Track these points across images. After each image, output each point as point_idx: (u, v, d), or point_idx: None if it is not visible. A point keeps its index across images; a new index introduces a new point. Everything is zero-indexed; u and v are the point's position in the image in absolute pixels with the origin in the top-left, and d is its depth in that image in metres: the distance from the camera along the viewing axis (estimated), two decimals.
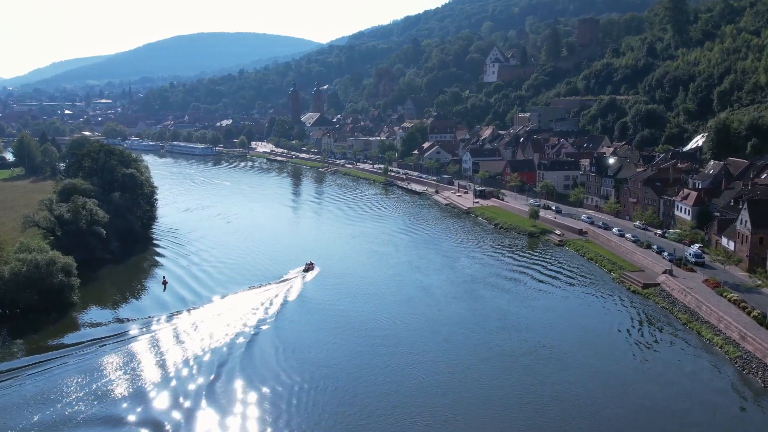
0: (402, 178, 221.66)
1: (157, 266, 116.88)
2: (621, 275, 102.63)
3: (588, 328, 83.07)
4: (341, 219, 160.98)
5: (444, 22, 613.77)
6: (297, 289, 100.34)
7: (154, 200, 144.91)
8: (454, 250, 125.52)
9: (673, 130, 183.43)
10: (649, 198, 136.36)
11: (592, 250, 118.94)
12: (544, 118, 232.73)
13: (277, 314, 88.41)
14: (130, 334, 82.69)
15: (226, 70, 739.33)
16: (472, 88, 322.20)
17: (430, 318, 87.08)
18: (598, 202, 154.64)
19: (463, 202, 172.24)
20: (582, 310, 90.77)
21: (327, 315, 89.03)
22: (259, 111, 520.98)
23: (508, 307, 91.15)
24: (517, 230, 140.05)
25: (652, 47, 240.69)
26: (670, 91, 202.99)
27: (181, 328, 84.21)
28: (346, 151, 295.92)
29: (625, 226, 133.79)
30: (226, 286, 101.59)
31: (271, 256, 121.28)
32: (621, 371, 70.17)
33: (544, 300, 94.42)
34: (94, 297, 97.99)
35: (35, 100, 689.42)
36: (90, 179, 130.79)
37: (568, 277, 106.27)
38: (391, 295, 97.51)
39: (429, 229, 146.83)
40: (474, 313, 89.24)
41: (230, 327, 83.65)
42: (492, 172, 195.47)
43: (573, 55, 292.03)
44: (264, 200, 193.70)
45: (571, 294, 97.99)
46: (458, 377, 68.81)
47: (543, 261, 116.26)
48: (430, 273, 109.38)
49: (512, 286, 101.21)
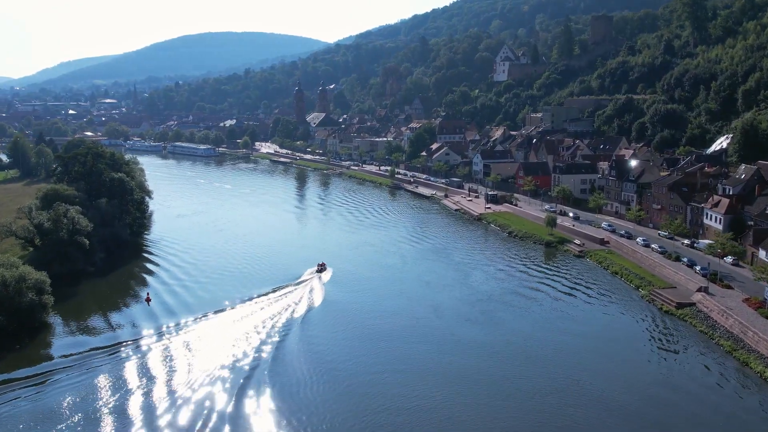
0: (409, 181, 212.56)
1: (145, 279, 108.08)
2: (651, 292, 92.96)
3: (620, 359, 73.42)
4: (344, 227, 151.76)
5: (452, 21, 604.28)
6: (286, 317, 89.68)
7: (145, 206, 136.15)
8: (465, 263, 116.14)
9: (695, 131, 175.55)
10: (675, 205, 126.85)
11: (616, 262, 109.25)
12: (558, 119, 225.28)
13: (275, 352, 76.46)
14: (105, 359, 74.29)
15: (233, 69, 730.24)
16: (482, 87, 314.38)
17: (442, 344, 77.78)
18: (618, 208, 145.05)
19: (474, 208, 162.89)
20: (611, 335, 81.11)
21: (323, 346, 79.68)
22: (264, 111, 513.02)
23: (529, 331, 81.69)
24: (532, 239, 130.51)
25: (669, 44, 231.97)
26: (691, 90, 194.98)
27: (161, 355, 75.55)
28: (352, 152, 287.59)
29: (649, 234, 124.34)
30: (211, 305, 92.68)
31: (263, 270, 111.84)
32: (668, 419, 60.18)
33: (568, 322, 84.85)
34: (72, 316, 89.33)
35: (40, 100, 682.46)
36: (76, 184, 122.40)
37: (592, 294, 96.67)
38: (396, 317, 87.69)
39: (438, 237, 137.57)
40: (491, 338, 79.81)
41: (211, 361, 74.11)
42: (504, 175, 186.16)
43: (586, 54, 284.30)
44: (264, 205, 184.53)
45: (597, 315, 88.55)
46: (476, 418, 59.66)
47: (563, 275, 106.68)
48: (441, 289, 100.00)
49: (531, 306, 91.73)
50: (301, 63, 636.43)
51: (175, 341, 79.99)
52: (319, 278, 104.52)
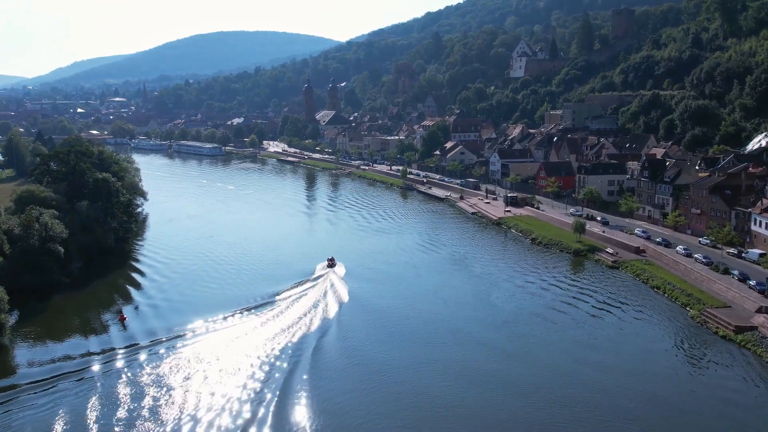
0: (422, 182, 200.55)
1: (126, 292, 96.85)
2: (702, 313, 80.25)
3: (683, 408, 60.22)
4: (351, 232, 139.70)
5: (466, 18, 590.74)
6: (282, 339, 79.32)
7: (134, 209, 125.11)
8: (486, 275, 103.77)
9: (729, 128, 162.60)
10: (717, 209, 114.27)
11: (656, 275, 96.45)
12: (579, 116, 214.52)
13: (283, 383, 65.79)
14: (66, 388, 64.39)
15: (245, 69, 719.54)
16: (498, 84, 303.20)
17: (463, 377, 65.85)
18: (651, 212, 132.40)
19: (493, 211, 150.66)
20: (668, 372, 67.32)
21: (324, 379, 68.41)
22: (274, 109, 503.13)
23: (571, 368, 68.08)
24: (558, 247, 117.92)
25: (697, 38, 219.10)
26: (722, 85, 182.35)
27: (130, 382, 64.72)
28: (362, 151, 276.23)
29: (689, 242, 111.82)
30: (186, 323, 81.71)
31: (251, 285, 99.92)
32: None
33: (611, 355, 71.25)
34: (33, 337, 78.10)
35: (51, 98, 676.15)
36: (56, 185, 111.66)
37: (633, 314, 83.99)
38: (408, 343, 75.02)
39: (454, 244, 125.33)
40: (525, 374, 67.00)
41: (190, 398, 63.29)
42: (524, 176, 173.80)
43: (606, 48, 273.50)
44: (266, 208, 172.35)
45: (644, 342, 75.22)
46: None
47: (596, 290, 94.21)
48: (460, 308, 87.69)
49: (566, 331, 78.68)
50: (312, 61, 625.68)
51: (152, 368, 68.86)
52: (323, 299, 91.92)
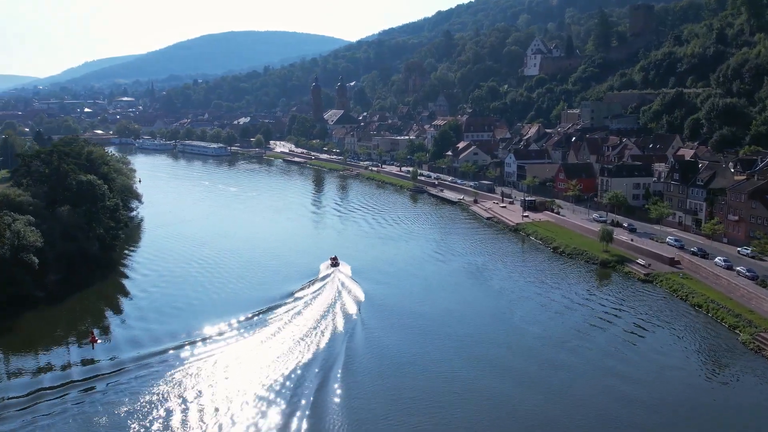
0: (433, 184, 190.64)
1: (106, 307, 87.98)
2: (755, 338, 70.06)
3: None
4: (357, 240, 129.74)
5: (477, 16, 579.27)
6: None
7: (123, 214, 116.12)
8: (506, 290, 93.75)
9: (760, 128, 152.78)
10: (757, 215, 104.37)
11: (696, 291, 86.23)
12: (598, 115, 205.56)
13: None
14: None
15: (254, 68, 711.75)
16: (511, 82, 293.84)
17: (488, 415, 56.33)
18: (682, 218, 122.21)
19: (510, 216, 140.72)
20: (723, 411, 57.94)
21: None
22: (282, 109, 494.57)
23: (617, 412, 58.36)
24: (583, 257, 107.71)
25: (722, 33, 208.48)
26: (751, 82, 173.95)
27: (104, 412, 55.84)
28: (371, 151, 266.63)
29: (726, 252, 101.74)
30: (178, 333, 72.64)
31: (243, 298, 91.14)
32: None
33: (657, 389, 61.59)
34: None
35: (59, 98, 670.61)
36: (36, 188, 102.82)
37: (674, 338, 74.06)
38: (422, 379, 64.44)
39: (469, 254, 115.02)
40: (559, 418, 57.33)
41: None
42: (541, 178, 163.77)
43: (625, 46, 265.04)
44: (267, 212, 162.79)
45: (691, 375, 65.38)
46: None
47: (629, 308, 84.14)
48: (479, 330, 77.64)
49: (603, 360, 68.62)
50: (321, 60, 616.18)
51: (130, 401, 59.97)
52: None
